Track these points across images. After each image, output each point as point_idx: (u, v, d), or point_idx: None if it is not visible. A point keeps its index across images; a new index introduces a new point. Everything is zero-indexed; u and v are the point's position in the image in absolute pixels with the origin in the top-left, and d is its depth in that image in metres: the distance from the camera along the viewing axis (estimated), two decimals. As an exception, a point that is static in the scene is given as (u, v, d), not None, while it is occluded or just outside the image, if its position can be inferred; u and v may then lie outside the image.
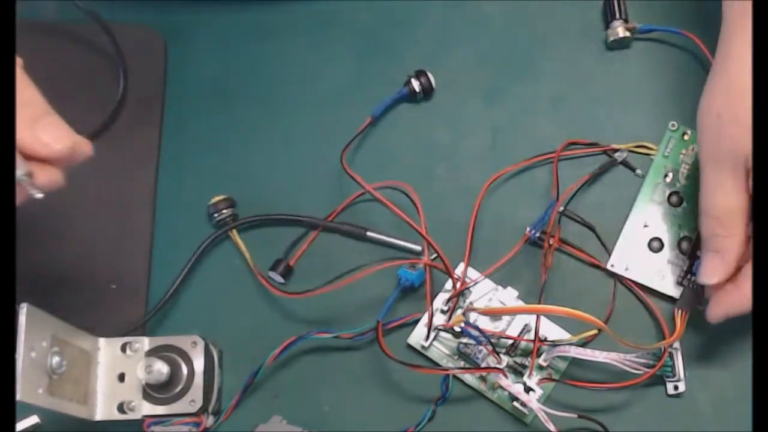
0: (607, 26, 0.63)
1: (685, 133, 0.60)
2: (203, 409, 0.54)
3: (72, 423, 0.51)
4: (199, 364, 0.54)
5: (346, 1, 0.66)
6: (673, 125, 0.60)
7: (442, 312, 0.57)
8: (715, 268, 0.50)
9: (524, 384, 0.55)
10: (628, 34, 0.62)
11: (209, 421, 0.55)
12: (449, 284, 0.58)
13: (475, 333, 0.54)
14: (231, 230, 0.60)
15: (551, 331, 0.57)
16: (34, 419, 0.54)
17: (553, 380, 0.56)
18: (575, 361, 0.56)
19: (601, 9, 0.64)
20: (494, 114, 0.63)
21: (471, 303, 0.57)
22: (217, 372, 0.56)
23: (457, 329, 0.55)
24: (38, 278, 0.58)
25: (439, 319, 0.57)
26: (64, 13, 0.65)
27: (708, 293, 0.53)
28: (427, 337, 0.56)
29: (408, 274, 0.57)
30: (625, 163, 0.60)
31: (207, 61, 0.65)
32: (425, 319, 0.57)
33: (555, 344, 0.55)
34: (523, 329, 0.57)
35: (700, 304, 0.55)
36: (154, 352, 0.54)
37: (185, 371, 0.54)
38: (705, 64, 0.61)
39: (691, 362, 0.56)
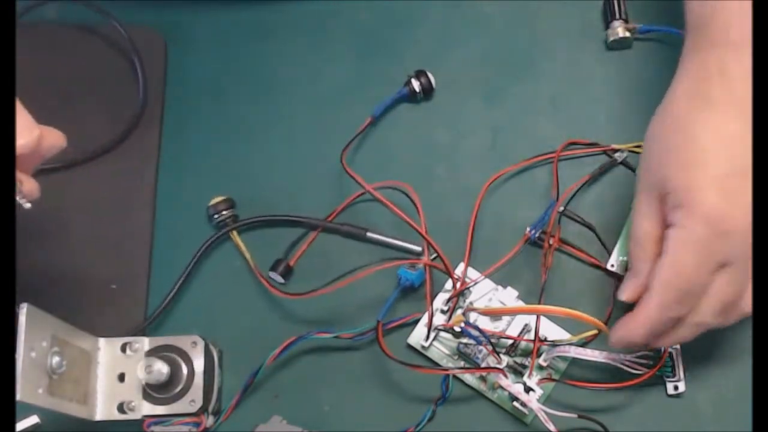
0: (607, 26, 0.63)
1: (685, 133, 0.60)
2: (203, 409, 0.54)
3: (72, 423, 0.51)
4: (199, 364, 0.54)
5: (346, 1, 0.66)
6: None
7: (442, 312, 0.57)
8: (627, 287, 0.50)
9: (524, 384, 0.55)
10: (628, 34, 0.62)
11: (209, 421, 0.55)
12: (449, 284, 0.58)
13: (475, 333, 0.54)
14: (231, 231, 0.60)
15: (551, 331, 0.57)
16: (34, 419, 0.54)
17: (553, 380, 0.56)
18: (575, 361, 0.56)
19: (601, 9, 0.64)
20: (494, 114, 0.63)
21: (471, 303, 0.57)
22: (217, 372, 0.56)
23: (457, 329, 0.55)
24: (39, 278, 0.58)
25: (439, 319, 0.57)
26: (64, 13, 0.65)
27: None
28: (427, 337, 0.56)
29: (408, 274, 0.57)
30: (625, 163, 0.60)
31: (207, 61, 0.65)
32: (425, 319, 0.57)
33: (555, 344, 0.55)
34: (523, 329, 0.57)
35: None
36: (154, 352, 0.54)
37: (185, 371, 0.54)
38: (705, 64, 0.61)
39: (691, 362, 0.56)
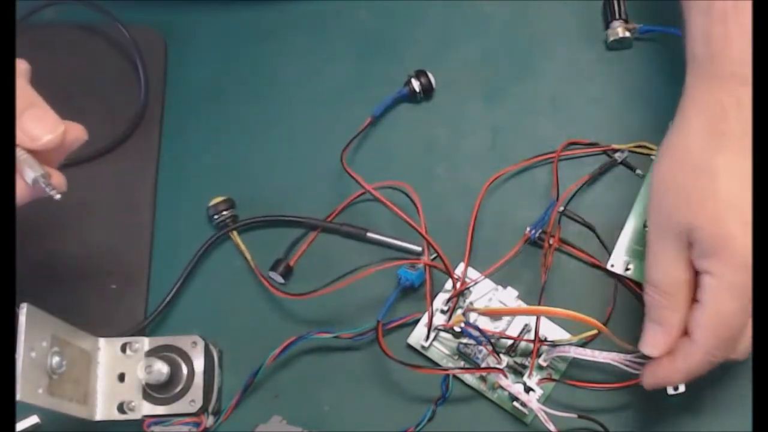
0: (607, 26, 0.63)
1: (685, 133, 0.60)
2: (203, 409, 0.54)
3: (72, 423, 0.51)
4: (199, 364, 0.54)
5: (346, 1, 0.66)
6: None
7: (442, 312, 0.57)
8: (657, 341, 0.49)
9: (524, 384, 0.55)
10: (628, 34, 0.62)
11: (209, 421, 0.55)
12: (449, 284, 0.58)
13: (475, 333, 0.54)
14: (231, 231, 0.60)
15: (551, 331, 0.57)
16: (34, 419, 0.54)
17: (553, 380, 0.56)
18: (575, 361, 0.56)
19: (601, 9, 0.64)
20: (494, 114, 0.63)
21: (471, 303, 0.57)
22: (217, 372, 0.56)
23: (457, 329, 0.55)
24: (38, 278, 0.58)
25: (439, 319, 0.57)
26: (64, 14, 0.65)
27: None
28: (427, 337, 0.56)
29: (408, 274, 0.57)
30: (625, 163, 0.60)
31: (207, 61, 0.65)
32: (425, 319, 0.57)
33: (555, 344, 0.55)
34: (523, 329, 0.57)
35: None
36: (154, 352, 0.54)
37: (185, 371, 0.54)
38: (705, 64, 0.61)
39: (691, 362, 0.56)
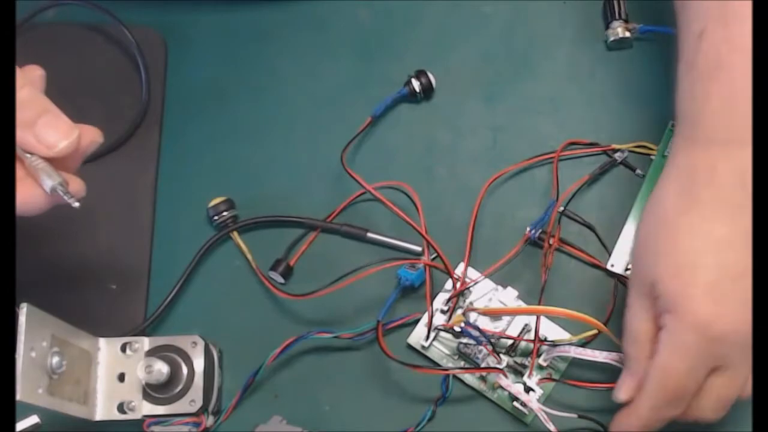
0: (607, 26, 0.63)
1: (685, 133, 0.60)
2: (203, 409, 0.54)
3: (72, 423, 0.51)
4: (199, 364, 0.54)
5: (346, 1, 0.66)
6: (673, 125, 0.60)
7: (442, 312, 0.57)
8: (623, 387, 0.50)
9: (524, 384, 0.55)
10: (628, 34, 0.62)
11: (209, 421, 0.55)
12: (449, 284, 0.58)
13: (475, 333, 0.54)
14: (231, 232, 0.60)
15: (551, 331, 0.57)
16: (34, 419, 0.54)
17: (553, 380, 0.56)
18: (575, 361, 0.56)
19: (601, 9, 0.64)
20: (494, 114, 0.63)
21: (471, 303, 0.57)
22: (217, 372, 0.56)
23: (457, 329, 0.55)
24: (38, 278, 0.58)
25: (439, 319, 0.57)
26: (64, 14, 0.65)
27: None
28: (427, 337, 0.56)
29: (408, 274, 0.57)
30: (625, 163, 0.60)
31: (207, 62, 0.65)
32: (425, 319, 0.57)
33: (555, 344, 0.55)
34: (523, 329, 0.57)
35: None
36: (154, 352, 0.54)
37: (185, 371, 0.54)
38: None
39: (691, 362, 0.56)
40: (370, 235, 0.60)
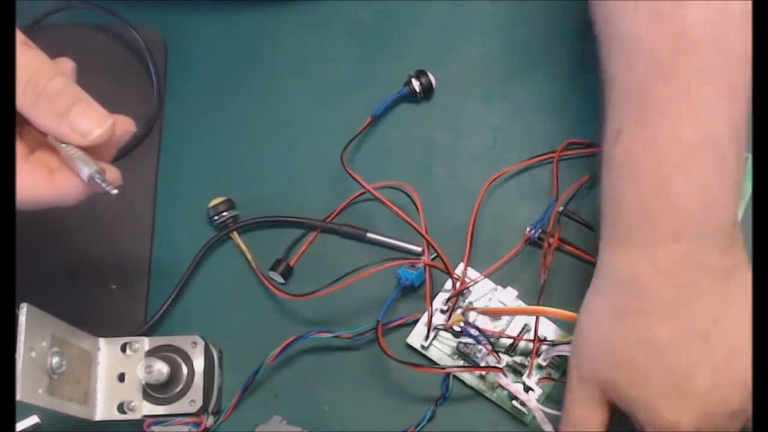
0: (607, 26, 0.63)
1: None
2: (203, 409, 0.54)
3: (72, 423, 0.51)
4: (199, 364, 0.54)
5: (346, 1, 0.66)
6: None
7: (442, 312, 0.57)
8: None
9: (524, 383, 0.55)
10: (628, 34, 0.62)
11: (209, 421, 0.55)
12: (449, 284, 0.58)
13: (475, 332, 0.54)
14: (232, 232, 0.60)
15: (551, 330, 0.57)
16: (34, 419, 0.54)
17: (553, 380, 0.56)
18: (575, 361, 0.56)
19: (601, 9, 0.64)
20: (494, 114, 0.63)
21: (470, 303, 0.57)
22: (217, 372, 0.56)
23: (457, 329, 0.55)
24: (38, 278, 0.58)
25: (439, 319, 0.57)
26: (65, 14, 0.65)
27: None
28: (427, 336, 0.56)
29: (408, 274, 0.57)
30: (624, 163, 0.60)
31: (207, 61, 0.65)
32: (425, 318, 0.57)
33: (554, 344, 0.55)
34: (523, 329, 0.57)
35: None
36: (154, 352, 0.54)
37: (185, 371, 0.54)
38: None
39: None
40: (369, 235, 0.60)
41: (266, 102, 0.64)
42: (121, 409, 0.53)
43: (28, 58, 0.44)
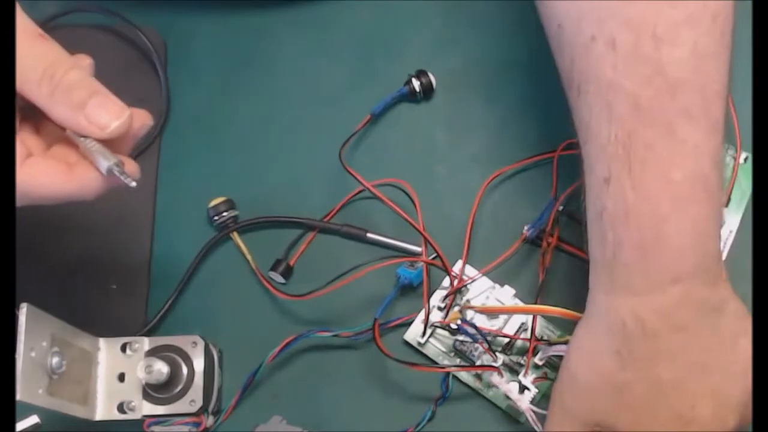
0: (606, 25, 0.63)
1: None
2: (203, 409, 0.54)
3: (72, 423, 0.51)
4: (199, 364, 0.54)
5: (346, 1, 0.66)
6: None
7: (439, 309, 0.57)
8: None
9: (519, 383, 0.55)
10: (627, 34, 0.62)
11: (209, 421, 0.55)
12: (447, 282, 0.58)
13: (472, 331, 0.54)
14: (232, 232, 0.60)
15: (548, 330, 0.57)
16: (34, 419, 0.54)
17: (549, 379, 0.56)
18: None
19: (600, 8, 0.64)
20: (494, 114, 0.63)
21: (468, 301, 0.57)
22: (217, 372, 0.56)
23: (454, 326, 0.55)
24: (38, 278, 0.58)
25: (436, 316, 0.57)
26: (67, 17, 0.65)
27: None
28: (424, 333, 0.56)
29: (407, 273, 0.57)
30: (624, 163, 0.60)
31: (207, 62, 0.65)
32: (422, 315, 0.57)
33: (551, 343, 0.55)
34: (520, 328, 0.57)
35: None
36: (154, 352, 0.54)
37: (185, 371, 0.54)
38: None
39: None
40: (369, 235, 0.60)
41: (266, 102, 0.64)
42: (121, 409, 0.53)
43: (43, 49, 0.44)
